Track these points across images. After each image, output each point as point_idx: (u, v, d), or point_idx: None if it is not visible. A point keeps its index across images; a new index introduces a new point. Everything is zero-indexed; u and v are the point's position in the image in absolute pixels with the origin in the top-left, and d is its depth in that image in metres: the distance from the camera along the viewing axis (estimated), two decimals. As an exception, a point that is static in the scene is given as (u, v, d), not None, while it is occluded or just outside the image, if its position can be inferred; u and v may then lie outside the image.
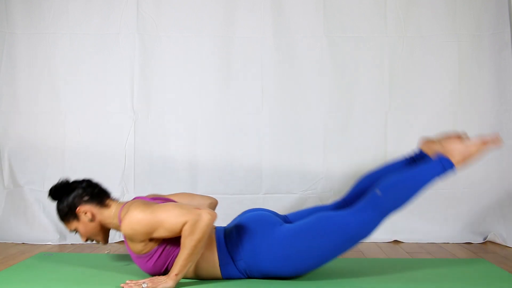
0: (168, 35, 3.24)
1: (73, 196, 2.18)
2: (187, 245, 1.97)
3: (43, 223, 3.10)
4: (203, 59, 3.24)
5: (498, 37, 3.22)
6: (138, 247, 2.07)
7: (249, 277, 2.13)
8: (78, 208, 2.17)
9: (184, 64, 3.26)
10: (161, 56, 3.23)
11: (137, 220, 2.01)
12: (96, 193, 2.21)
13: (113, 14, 3.22)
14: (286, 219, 2.30)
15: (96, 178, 3.12)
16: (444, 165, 2.13)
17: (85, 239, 2.23)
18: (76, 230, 2.22)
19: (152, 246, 2.07)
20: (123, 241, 3.09)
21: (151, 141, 3.23)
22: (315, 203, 3.23)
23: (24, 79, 3.22)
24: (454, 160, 2.14)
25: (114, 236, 3.09)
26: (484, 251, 2.90)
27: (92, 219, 2.17)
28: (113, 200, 2.25)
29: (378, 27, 3.26)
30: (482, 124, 3.25)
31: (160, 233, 2.02)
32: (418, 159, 2.31)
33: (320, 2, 3.25)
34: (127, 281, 2.03)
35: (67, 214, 2.19)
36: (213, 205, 2.41)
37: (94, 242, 2.27)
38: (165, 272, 2.10)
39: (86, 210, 2.16)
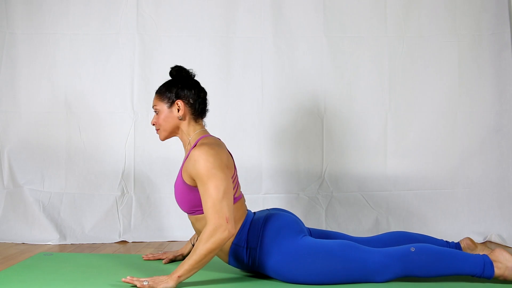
0: (168, 35, 3.24)
1: (187, 91, 2.21)
2: (199, 251, 1.98)
3: (43, 223, 3.10)
4: (203, 59, 3.24)
5: (498, 37, 3.22)
6: (188, 177, 2.10)
7: (252, 266, 2.14)
8: (179, 101, 2.20)
9: (184, 64, 3.20)
10: (161, 56, 3.23)
11: (197, 162, 2.04)
12: (200, 108, 2.24)
13: (113, 14, 3.22)
14: (310, 232, 2.30)
15: (96, 178, 3.18)
16: (485, 269, 2.05)
17: (153, 123, 2.25)
18: (156, 110, 2.23)
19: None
20: (123, 241, 3.09)
21: (151, 141, 3.22)
22: (315, 203, 3.23)
23: (24, 79, 3.22)
24: (497, 269, 2.06)
25: (114, 237, 3.10)
26: (484, 251, 2.90)
27: (180, 117, 2.20)
28: (204, 123, 2.28)
29: (378, 27, 3.26)
30: (482, 124, 3.25)
31: (199, 190, 2.05)
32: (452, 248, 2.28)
33: (320, 2, 3.25)
34: (128, 277, 2.03)
35: (168, 95, 2.22)
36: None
37: (155, 130, 2.28)
38: (193, 209, 2.13)
39: (182, 108, 2.20)
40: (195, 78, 2.30)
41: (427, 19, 3.26)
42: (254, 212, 2.28)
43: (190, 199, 2.14)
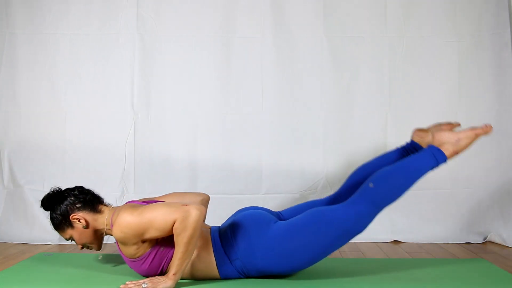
0: (168, 35, 3.24)
1: (66, 204, 2.17)
2: (180, 243, 1.97)
3: (43, 223, 3.10)
4: (203, 59, 3.24)
5: (498, 37, 3.22)
6: (131, 250, 2.07)
7: (247, 276, 2.13)
8: (71, 216, 2.15)
9: (184, 64, 3.26)
10: (161, 56, 3.23)
11: (126, 223, 2.01)
12: (88, 199, 2.19)
13: (113, 14, 3.22)
14: (280, 216, 2.29)
15: (96, 178, 3.18)
16: (436, 157, 2.14)
17: (80, 247, 2.22)
18: (71, 238, 2.21)
19: (145, 249, 2.07)
20: (123, 241, 3.09)
21: (151, 141, 3.23)
22: (315, 203, 3.23)
23: (24, 79, 3.22)
24: (446, 151, 2.14)
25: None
26: (484, 251, 2.90)
27: (86, 225, 2.16)
28: (106, 205, 2.24)
29: (378, 27, 3.26)
30: (482, 124, 3.24)
31: (151, 234, 2.01)
32: (411, 150, 2.31)
33: (320, 2, 3.25)
34: (127, 282, 2.02)
35: (61, 222, 2.17)
36: (205, 201, 2.40)
37: (89, 249, 2.25)
38: (161, 273, 2.10)
39: (79, 217, 2.15)
40: (58, 191, 2.23)
41: (427, 19, 3.26)
42: (219, 226, 2.25)
43: (147, 265, 2.10)
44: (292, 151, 3.26)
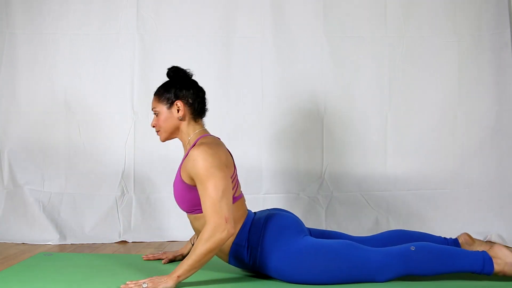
0: (168, 35, 3.24)
1: (185, 91, 2.21)
2: (197, 251, 1.98)
3: (43, 223, 3.10)
4: (203, 59, 3.23)
5: (498, 37, 3.22)
6: (186, 175, 2.10)
7: (253, 266, 2.14)
8: (178, 101, 2.19)
9: (184, 64, 3.21)
10: (161, 56, 3.23)
11: (198, 163, 2.03)
12: (199, 107, 2.23)
13: (113, 14, 3.22)
14: (310, 231, 2.30)
15: (96, 178, 3.18)
16: (485, 265, 2.06)
17: (153, 125, 2.25)
18: (156, 112, 2.23)
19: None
20: (123, 241, 3.09)
21: (151, 141, 3.22)
22: (315, 203, 3.23)
23: (24, 79, 3.22)
24: (496, 265, 2.07)
25: (114, 237, 3.10)
26: (484, 251, 2.89)
27: (180, 118, 2.20)
28: (203, 123, 2.27)
29: (378, 27, 3.26)
30: (482, 124, 3.25)
31: (198, 188, 2.04)
32: (450, 245, 2.28)
33: (320, 2, 3.25)
34: (127, 282, 2.02)
35: (166, 95, 2.21)
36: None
37: (155, 132, 2.28)
38: (193, 209, 2.12)
39: (182, 108, 2.19)
40: (193, 77, 2.30)
41: (427, 19, 3.26)
42: (255, 212, 2.28)
43: (189, 198, 2.13)
44: (292, 151, 3.26)
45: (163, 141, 2.29)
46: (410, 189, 3.26)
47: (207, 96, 2.30)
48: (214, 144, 2.14)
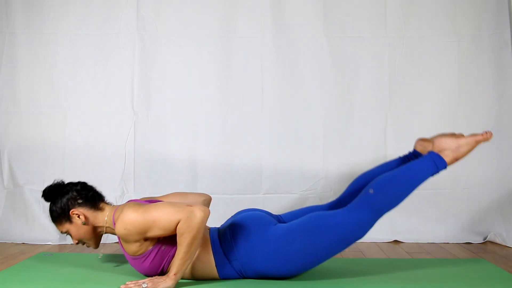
0: (168, 35, 3.24)
1: (67, 198, 2.17)
2: (182, 243, 1.97)
3: (43, 223, 3.10)
4: (203, 59, 3.24)
5: (498, 37, 3.22)
6: (133, 248, 2.07)
7: (245, 277, 2.13)
8: (71, 211, 2.16)
9: (184, 64, 3.26)
10: (161, 56, 3.23)
11: (130, 220, 2.01)
12: (90, 196, 2.20)
13: (113, 14, 3.22)
14: (280, 219, 2.30)
15: (96, 178, 3.16)
16: (436, 163, 2.14)
17: (76, 242, 2.22)
18: (67, 232, 2.21)
19: (147, 246, 2.07)
20: (123, 241, 3.09)
21: (151, 141, 3.23)
22: (315, 203, 3.23)
23: (24, 79, 3.22)
24: (446, 157, 2.15)
25: (114, 237, 3.09)
26: (484, 251, 2.90)
27: (86, 222, 2.16)
28: (107, 203, 2.24)
29: (378, 27, 3.26)
30: (482, 124, 3.24)
31: (154, 232, 2.01)
32: (412, 159, 2.31)
33: (320, 2, 3.25)
34: (127, 283, 2.02)
35: (59, 215, 2.17)
36: (207, 201, 2.40)
37: (85, 245, 2.25)
38: (162, 273, 2.10)
39: (79, 213, 2.15)
40: (60, 182, 2.24)
41: (427, 19, 3.26)
42: (219, 227, 2.25)
43: (148, 263, 2.10)
44: (292, 151, 3.26)
45: (96, 247, 2.26)
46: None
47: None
48: (126, 206, 2.10)
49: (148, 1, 3.23)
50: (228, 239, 2.12)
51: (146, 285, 1.97)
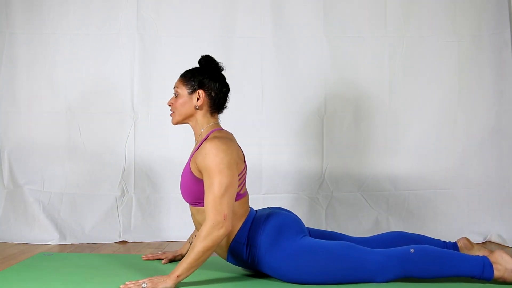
0: (168, 35, 3.24)
1: (211, 83, 2.22)
2: (195, 249, 1.99)
3: (43, 223, 3.10)
4: (203, 59, 3.23)
5: (498, 37, 3.22)
6: (195, 168, 2.11)
7: (251, 264, 2.14)
8: (201, 90, 2.20)
9: (184, 64, 3.22)
10: (161, 56, 3.23)
11: (207, 155, 2.04)
12: (220, 103, 2.25)
13: (113, 14, 3.22)
14: (309, 232, 2.31)
15: (96, 178, 3.18)
16: (484, 270, 2.05)
17: (170, 104, 2.25)
18: (177, 93, 2.23)
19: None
20: (123, 241, 3.10)
21: (151, 141, 3.23)
22: (315, 203, 3.23)
23: (24, 79, 3.22)
24: (496, 271, 2.05)
25: (114, 237, 3.10)
26: (484, 251, 2.89)
27: (197, 107, 2.19)
28: (219, 118, 2.28)
29: (378, 27, 3.26)
30: (482, 124, 3.25)
31: (204, 179, 2.06)
32: (450, 248, 2.28)
33: (320, 2, 3.25)
34: (126, 283, 2.02)
35: (192, 81, 2.21)
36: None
37: (171, 113, 2.27)
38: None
39: (202, 98, 2.20)
40: (223, 72, 2.29)
41: (427, 19, 3.26)
42: (256, 210, 2.29)
43: (195, 191, 2.14)
44: (292, 151, 3.26)
45: (175, 123, 2.28)
46: (410, 189, 3.26)
47: (229, 93, 2.32)
48: (227, 139, 2.15)
49: (148, 1, 3.23)
50: (260, 224, 2.13)
51: (145, 285, 1.97)
